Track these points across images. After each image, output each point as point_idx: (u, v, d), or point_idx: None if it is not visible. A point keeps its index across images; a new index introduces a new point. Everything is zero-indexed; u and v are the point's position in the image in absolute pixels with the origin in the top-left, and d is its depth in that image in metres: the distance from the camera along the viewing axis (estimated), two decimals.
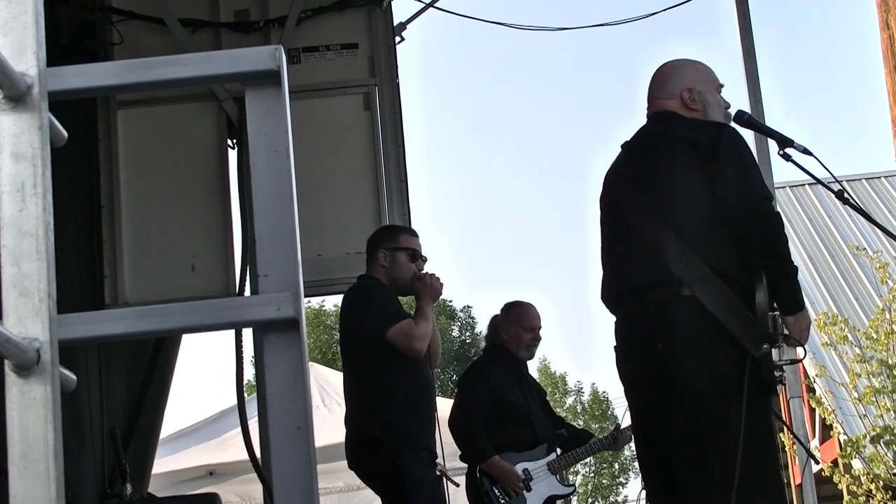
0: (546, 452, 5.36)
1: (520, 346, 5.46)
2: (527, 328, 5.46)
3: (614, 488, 33.62)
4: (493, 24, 6.92)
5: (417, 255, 4.59)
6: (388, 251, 4.56)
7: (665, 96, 3.64)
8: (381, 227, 5.25)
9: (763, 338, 3.22)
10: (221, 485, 7.93)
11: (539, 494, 5.27)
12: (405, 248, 4.58)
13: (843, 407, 11.02)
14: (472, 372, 5.75)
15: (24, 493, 1.14)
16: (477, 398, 5.29)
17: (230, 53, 1.37)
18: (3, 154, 1.20)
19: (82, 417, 5.68)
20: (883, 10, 5.68)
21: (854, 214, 9.93)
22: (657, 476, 3.49)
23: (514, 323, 5.47)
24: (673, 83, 3.63)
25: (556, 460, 5.38)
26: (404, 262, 4.55)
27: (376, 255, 4.58)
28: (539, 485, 5.28)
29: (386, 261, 4.55)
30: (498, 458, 5.17)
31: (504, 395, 5.29)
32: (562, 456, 5.42)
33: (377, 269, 4.56)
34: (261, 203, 1.35)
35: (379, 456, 4.31)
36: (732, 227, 3.30)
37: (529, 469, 5.27)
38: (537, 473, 5.29)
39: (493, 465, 5.17)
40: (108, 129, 6.10)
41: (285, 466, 1.30)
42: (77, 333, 1.29)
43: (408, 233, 4.75)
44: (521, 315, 5.49)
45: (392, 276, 4.54)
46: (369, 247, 4.67)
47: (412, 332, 4.33)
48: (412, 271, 4.54)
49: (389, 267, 4.54)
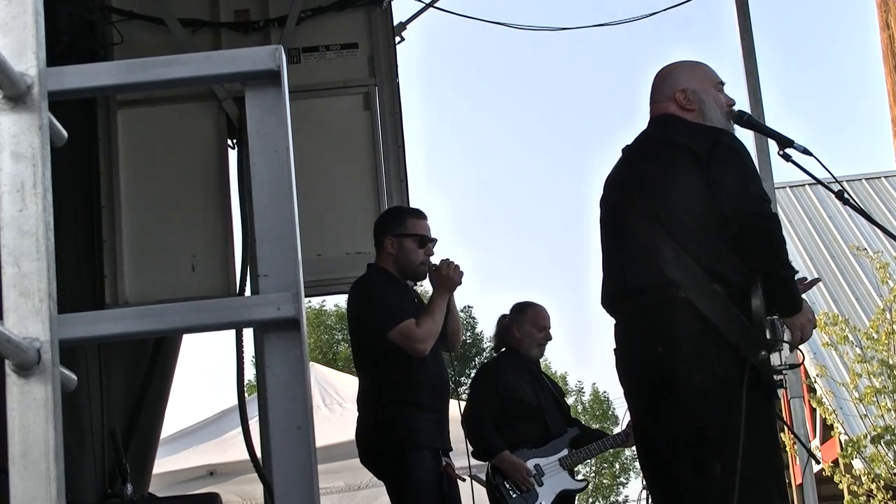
0: (558, 449, 5.43)
1: (531, 345, 5.55)
2: (539, 327, 5.56)
3: (615, 488, 33.64)
4: (493, 24, 6.93)
5: (426, 239, 4.42)
6: (395, 238, 4.39)
7: (663, 100, 3.66)
8: (387, 211, 5.13)
9: (760, 344, 3.22)
10: (222, 485, 7.92)
11: (551, 489, 5.34)
12: (412, 233, 4.41)
13: (843, 407, 11.03)
14: (482, 371, 5.98)
15: (24, 493, 1.14)
16: (486, 397, 5.39)
17: (230, 53, 1.37)
18: (3, 154, 1.20)
19: (82, 417, 5.68)
20: (883, 10, 5.68)
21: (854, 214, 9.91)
22: (658, 478, 3.49)
23: (528, 322, 5.55)
24: (668, 86, 3.65)
25: (569, 456, 5.44)
26: (412, 249, 4.38)
27: (383, 243, 4.42)
28: (551, 479, 5.35)
29: (393, 248, 4.38)
30: (507, 453, 5.24)
31: (514, 393, 5.39)
32: (574, 452, 5.48)
33: (384, 256, 4.42)
34: (261, 203, 1.35)
35: (384, 453, 4.28)
36: (729, 231, 3.29)
37: (541, 465, 5.34)
38: (549, 469, 5.36)
39: (503, 460, 5.24)
40: (108, 129, 6.10)
41: (285, 466, 1.30)
42: (77, 333, 1.29)
43: (415, 216, 4.52)
44: (534, 315, 5.58)
45: (400, 264, 4.39)
46: (376, 233, 4.51)
47: (413, 333, 4.22)
48: (421, 258, 4.39)
49: (397, 254, 4.38)
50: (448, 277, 4.32)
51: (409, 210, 4.75)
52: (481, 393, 5.45)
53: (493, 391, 5.39)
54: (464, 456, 5.45)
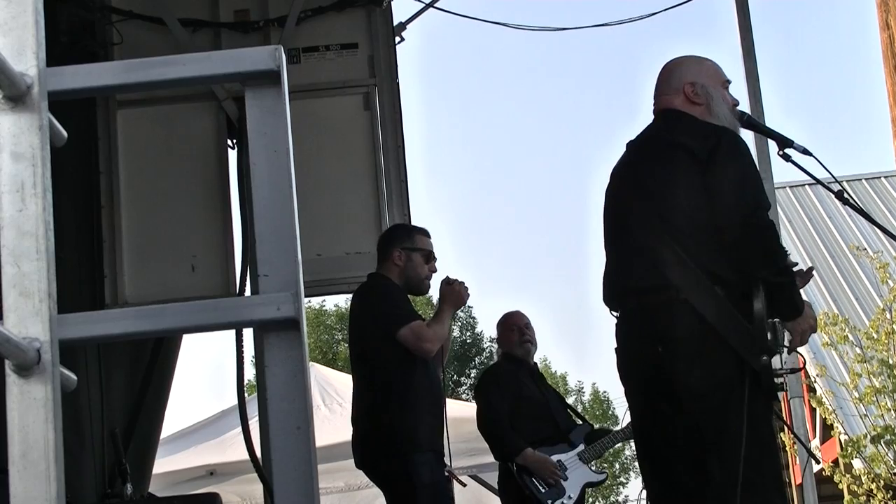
0: (575, 444, 5.56)
1: (516, 346, 5.75)
2: (509, 327, 5.80)
3: (615, 488, 33.62)
4: (493, 24, 6.93)
5: (432, 256, 4.62)
6: (404, 251, 4.56)
7: (670, 92, 3.62)
8: (396, 226, 5.25)
9: (761, 347, 3.21)
10: (222, 485, 7.92)
11: (577, 482, 5.46)
12: (421, 248, 4.59)
13: (843, 407, 11.03)
14: (484, 377, 6.13)
15: (24, 493, 1.14)
16: (493, 399, 5.53)
17: (230, 53, 1.37)
18: (2, 154, 1.20)
19: (82, 417, 5.68)
20: (883, 10, 5.67)
21: (854, 214, 9.91)
22: (658, 478, 3.49)
23: (502, 327, 5.86)
24: (676, 78, 3.63)
25: (587, 450, 5.57)
26: (419, 263, 4.56)
27: (391, 254, 4.57)
28: (575, 473, 5.47)
29: (401, 260, 4.55)
30: (531, 450, 5.35)
31: (518, 391, 5.54)
32: (591, 446, 5.60)
33: (390, 267, 4.56)
34: (261, 203, 1.35)
35: (387, 457, 4.31)
36: (727, 236, 3.29)
37: (563, 460, 5.47)
38: (571, 463, 5.49)
39: (528, 458, 5.34)
40: (108, 129, 6.10)
41: (285, 466, 1.30)
42: (77, 333, 1.29)
43: (423, 233, 4.72)
44: (504, 319, 5.88)
45: (406, 276, 4.55)
46: (383, 245, 4.66)
47: (423, 332, 4.34)
48: (426, 272, 4.57)
49: (405, 266, 4.55)
50: (458, 293, 4.53)
51: (416, 227, 4.91)
52: (488, 396, 5.57)
53: (499, 393, 5.52)
54: (463, 456, 5.48)
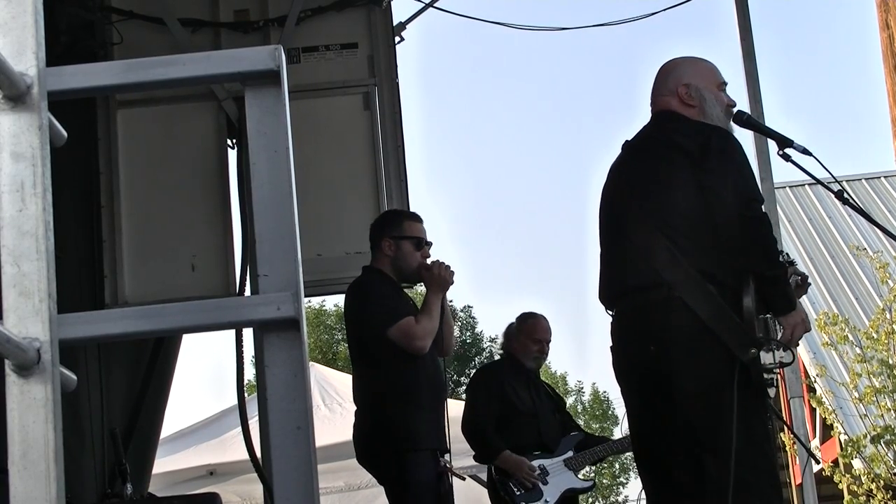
0: (563, 451, 5.49)
1: (527, 357, 5.61)
2: (534, 340, 5.61)
3: (614, 488, 33.63)
4: (493, 24, 6.93)
5: (423, 242, 4.47)
6: (393, 240, 4.44)
7: (666, 93, 3.66)
8: (384, 213, 5.16)
9: (750, 342, 3.22)
10: (222, 485, 7.92)
11: (556, 487, 5.38)
12: (410, 236, 4.46)
13: (843, 407, 11.01)
14: (477, 375, 6.11)
15: (24, 493, 1.14)
16: (480, 401, 5.47)
17: (230, 53, 1.37)
18: (2, 154, 1.20)
19: (82, 417, 5.68)
20: (883, 10, 5.68)
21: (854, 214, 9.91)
22: (654, 477, 3.50)
23: (524, 334, 5.63)
24: (672, 80, 3.65)
25: (574, 458, 5.49)
26: (409, 251, 4.43)
27: (380, 244, 4.46)
28: (556, 479, 5.39)
29: (391, 250, 4.43)
30: (508, 453, 5.28)
31: (507, 396, 5.43)
32: (581, 453, 5.53)
33: (381, 258, 4.46)
34: (261, 203, 1.35)
35: (384, 455, 4.28)
36: (724, 232, 3.30)
37: (546, 465, 5.39)
38: (554, 469, 5.41)
39: (504, 460, 5.28)
40: (108, 129, 6.11)
41: (285, 466, 1.30)
42: (77, 333, 1.29)
43: (412, 219, 4.58)
44: (531, 327, 5.64)
45: (397, 266, 4.43)
46: (372, 234, 4.55)
47: (412, 330, 4.25)
48: (417, 260, 4.43)
49: (394, 256, 4.43)
50: (440, 277, 4.37)
51: (405, 213, 4.80)
52: (475, 397, 5.54)
53: (487, 395, 5.45)
54: (463, 456, 5.47)
